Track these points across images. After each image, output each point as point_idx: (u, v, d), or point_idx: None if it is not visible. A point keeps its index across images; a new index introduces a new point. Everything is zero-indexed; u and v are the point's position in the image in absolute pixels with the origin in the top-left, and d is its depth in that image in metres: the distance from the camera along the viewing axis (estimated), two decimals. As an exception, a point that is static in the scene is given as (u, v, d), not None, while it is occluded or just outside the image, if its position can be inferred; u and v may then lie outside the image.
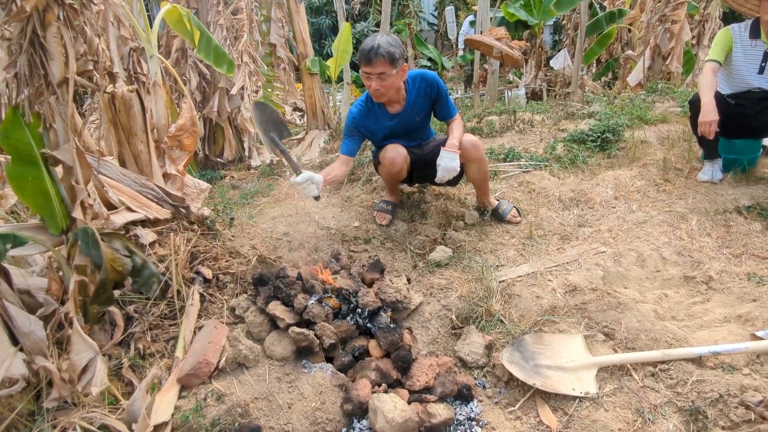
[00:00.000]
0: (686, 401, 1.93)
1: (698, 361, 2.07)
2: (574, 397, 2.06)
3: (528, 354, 2.27)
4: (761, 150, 3.76)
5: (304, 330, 2.24)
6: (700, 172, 3.68)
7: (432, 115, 3.19)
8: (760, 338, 2.13)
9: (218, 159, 5.42)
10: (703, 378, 1.97)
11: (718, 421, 1.83)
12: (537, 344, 2.32)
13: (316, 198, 2.86)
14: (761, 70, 3.40)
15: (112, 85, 2.33)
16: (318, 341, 2.26)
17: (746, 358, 2.07)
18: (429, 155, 3.16)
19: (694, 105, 3.42)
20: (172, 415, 1.94)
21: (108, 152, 2.95)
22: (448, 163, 2.87)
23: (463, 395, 2.19)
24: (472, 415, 2.12)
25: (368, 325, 2.42)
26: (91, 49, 1.84)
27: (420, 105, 3.03)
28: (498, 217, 3.38)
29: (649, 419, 1.90)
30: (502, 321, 2.50)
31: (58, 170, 1.94)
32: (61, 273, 2.04)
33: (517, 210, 3.41)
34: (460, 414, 2.13)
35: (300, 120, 8.65)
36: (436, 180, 2.97)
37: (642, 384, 2.05)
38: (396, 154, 3.05)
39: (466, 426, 2.07)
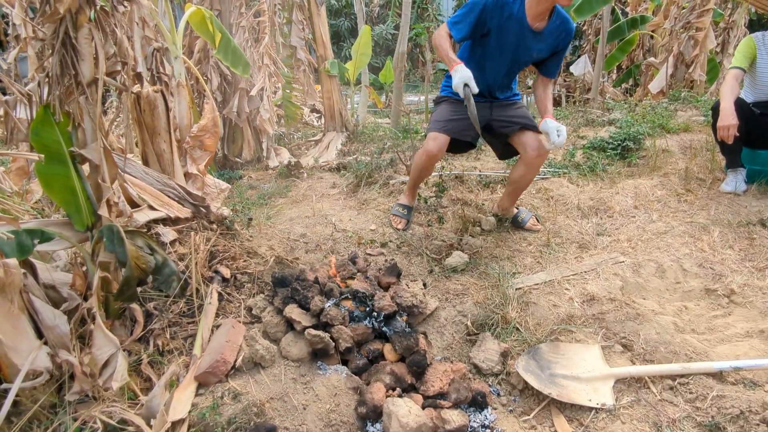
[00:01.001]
0: (706, 416, 1.90)
1: (719, 375, 2.04)
2: (590, 408, 2.04)
3: (544, 363, 2.26)
4: (787, 162, 3.69)
5: (320, 332, 2.25)
6: (723, 183, 3.62)
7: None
8: (782, 355, 2.09)
9: (237, 159, 5.48)
10: (723, 393, 1.94)
11: (739, 438, 1.80)
12: (553, 353, 2.31)
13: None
14: (786, 78, 3.35)
15: (138, 85, 2.38)
16: (333, 344, 2.27)
17: (768, 374, 2.04)
18: (502, 122, 3.04)
19: (716, 111, 3.39)
20: (189, 412, 1.96)
21: (129, 150, 3.00)
22: (561, 140, 2.75)
23: (478, 402, 2.18)
24: (486, 423, 2.11)
25: (384, 328, 2.42)
26: (120, 51, 1.88)
27: (546, 43, 2.86)
28: (517, 224, 3.34)
29: (667, 433, 1.88)
30: (518, 329, 2.49)
31: (85, 168, 1.98)
32: (84, 269, 2.08)
33: (536, 218, 3.39)
34: (474, 421, 2.12)
35: (317, 122, 8.71)
36: (548, 145, 2.85)
37: (660, 397, 2.03)
38: (438, 149, 2.97)
39: (480, 433, 2.07)
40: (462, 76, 2.63)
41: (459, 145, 3.18)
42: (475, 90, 2.64)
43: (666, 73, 7.04)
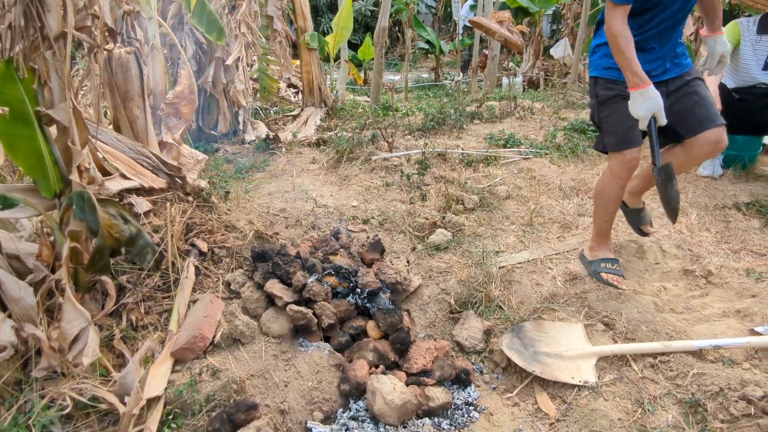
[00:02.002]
0: (686, 393, 1.93)
1: (698, 354, 2.07)
2: (573, 386, 2.05)
3: (528, 341, 2.25)
4: (761, 147, 3.77)
5: (303, 308, 2.19)
6: (701, 167, 3.68)
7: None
8: (760, 333, 2.13)
9: (212, 131, 5.29)
10: (703, 371, 1.97)
11: (718, 415, 1.83)
12: (537, 331, 2.30)
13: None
14: (767, 66, 3.39)
15: (111, 43, 2.22)
16: (316, 320, 2.22)
17: (746, 353, 2.08)
18: (678, 111, 2.31)
19: None
20: (166, 389, 1.88)
21: (98, 120, 2.83)
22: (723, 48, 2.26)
23: (461, 380, 2.17)
24: (470, 400, 2.10)
25: (367, 305, 2.38)
26: (90, 3, 1.73)
27: None
28: (635, 220, 2.75)
29: (649, 410, 1.90)
30: (501, 307, 2.48)
31: (52, 130, 1.84)
32: (52, 239, 1.95)
33: (651, 222, 2.80)
34: (458, 398, 2.11)
35: (294, 97, 8.49)
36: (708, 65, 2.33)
37: (642, 375, 2.05)
38: (638, 157, 2.36)
39: (464, 410, 2.05)
40: (650, 105, 2.05)
41: None
42: (663, 122, 2.09)
43: (644, 59, 7.08)
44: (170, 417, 1.85)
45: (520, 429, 1.94)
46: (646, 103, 2.05)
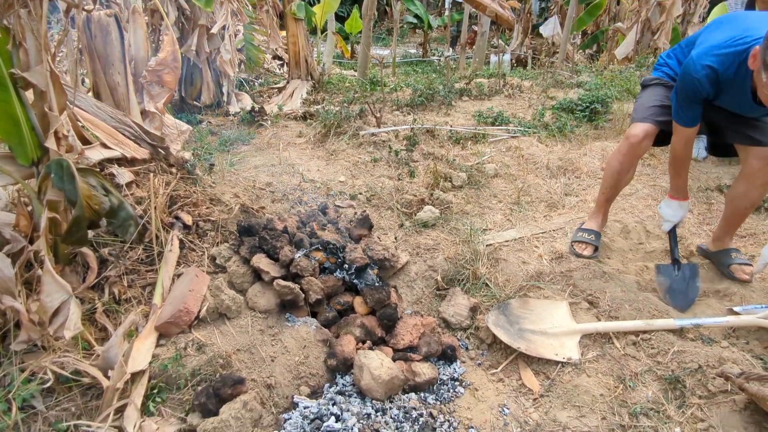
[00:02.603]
0: (666, 370, 1.97)
1: (679, 332, 2.11)
2: (557, 362, 2.08)
3: (513, 318, 2.27)
4: (745, 131, 3.81)
5: (290, 283, 2.17)
6: (686, 150, 3.71)
7: None
8: (738, 313, 2.18)
9: (195, 102, 5.15)
10: (683, 349, 2.01)
11: (696, 391, 1.88)
12: (522, 309, 2.33)
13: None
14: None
15: (91, 4, 2.11)
16: (303, 295, 2.20)
17: (724, 331, 2.13)
18: (733, 131, 2.32)
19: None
20: (150, 363, 1.86)
21: (75, 86, 2.71)
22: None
23: (447, 356, 2.19)
24: (455, 376, 2.13)
25: (354, 281, 2.37)
26: (68, -40, 1.64)
27: None
28: (722, 261, 2.54)
29: (630, 386, 1.94)
30: (487, 284, 2.49)
31: (29, 95, 1.75)
32: (30, 208, 1.88)
33: (747, 266, 2.47)
34: (444, 374, 2.13)
35: (280, 69, 8.31)
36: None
37: (624, 352, 2.09)
38: (639, 142, 2.42)
39: (449, 386, 2.08)
40: (679, 215, 2.43)
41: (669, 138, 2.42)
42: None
43: (634, 39, 7.08)
44: (155, 391, 1.83)
45: (504, 404, 1.97)
46: (677, 212, 2.44)
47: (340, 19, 12.49)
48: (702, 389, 1.88)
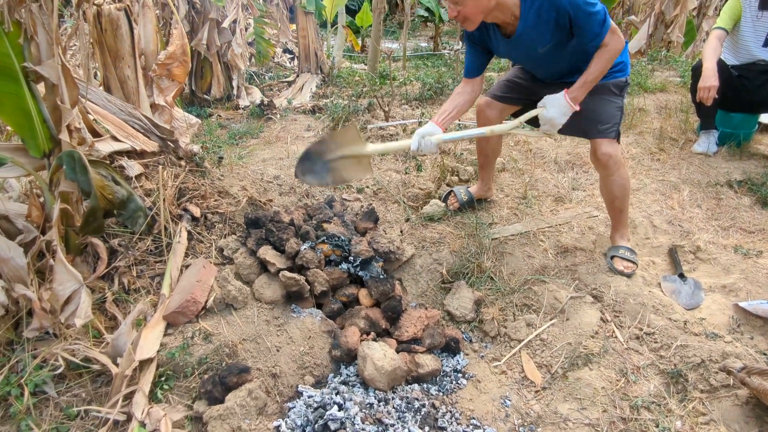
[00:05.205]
0: (669, 364, 1.98)
1: (683, 326, 2.11)
2: (559, 354, 2.09)
3: (315, 158, 2.26)
4: (757, 126, 3.76)
5: (296, 275, 2.19)
6: (696, 144, 3.67)
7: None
8: (743, 309, 2.17)
9: (205, 96, 5.19)
10: (686, 343, 2.01)
11: (698, 385, 1.88)
12: (320, 146, 2.28)
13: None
14: (767, 43, 3.35)
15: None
16: (309, 287, 2.23)
17: (728, 326, 2.12)
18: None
19: (696, 71, 3.39)
20: (158, 351, 1.90)
21: (87, 80, 2.76)
22: (551, 113, 2.17)
23: (451, 348, 2.20)
24: (458, 368, 2.15)
25: (359, 273, 2.39)
26: (78, -45, 1.67)
27: (540, 32, 2.10)
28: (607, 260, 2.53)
29: (632, 380, 1.95)
30: (492, 278, 2.50)
31: (41, 88, 1.79)
32: (41, 199, 1.93)
33: (631, 260, 2.48)
34: (447, 366, 2.15)
35: (290, 63, 8.33)
36: (541, 131, 2.28)
37: (627, 346, 2.09)
38: (486, 105, 2.57)
39: (452, 377, 2.10)
40: (420, 131, 2.25)
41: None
42: (434, 151, 2.25)
43: (647, 32, 6.98)
44: (163, 379, 1.87)
45: (506, 396, 1.99)
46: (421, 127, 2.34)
47: (351, 12, 12.45)
48: (704, 383, 1.88)
